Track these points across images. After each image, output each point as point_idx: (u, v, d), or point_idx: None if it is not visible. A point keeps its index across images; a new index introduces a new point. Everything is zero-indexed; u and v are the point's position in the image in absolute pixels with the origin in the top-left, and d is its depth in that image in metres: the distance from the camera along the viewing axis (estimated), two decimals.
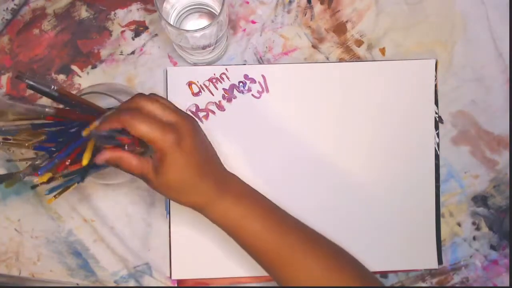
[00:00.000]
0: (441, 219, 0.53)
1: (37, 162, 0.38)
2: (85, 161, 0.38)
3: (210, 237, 0.52)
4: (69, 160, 0.39)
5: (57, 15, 0.52)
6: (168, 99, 0.51)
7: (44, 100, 0.46)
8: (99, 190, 0.52)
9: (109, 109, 0.45)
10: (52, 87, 0.36)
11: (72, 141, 0.40)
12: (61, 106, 0.44)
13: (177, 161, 0.35)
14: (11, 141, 0.39)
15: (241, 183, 0.40)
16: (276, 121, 0.52)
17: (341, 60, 0.53)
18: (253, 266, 0.52)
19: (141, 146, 0.38)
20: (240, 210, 0.38)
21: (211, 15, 0.47)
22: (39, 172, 0.37)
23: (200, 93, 0.52)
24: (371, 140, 0.52)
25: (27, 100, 0.51)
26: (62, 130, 0.42)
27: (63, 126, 0.42)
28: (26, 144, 0.39)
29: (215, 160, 0.40)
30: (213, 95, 0.52)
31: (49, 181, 0.38)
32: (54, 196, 0.40)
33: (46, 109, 0.36)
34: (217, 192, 0.38)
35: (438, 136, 0.53)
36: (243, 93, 0.52)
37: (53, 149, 0.39)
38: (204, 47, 0.46)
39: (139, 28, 0.52)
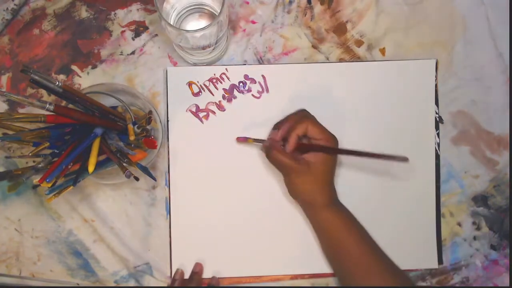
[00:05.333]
0: (441, 219, 0.53)
1: (40, 165, 0.38)
2: (91, 168, 0.39)
3: (210, 238, 0.52)
4: (71, 163, 0.39)
5: (57, 15, 0.52)
6: (168, 99, 0.52)
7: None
8: (99, 190, 0.52)
9: (111, 107, 0.45)
10: (57, 82, 0.36)
11: (75, 144, 0.40)
12: (63, 103, 0.44)
13: (329, 159, 0.46)
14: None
15: (344, 206, 0.49)
16: (276, 121, 0.51)
17: (341, 60, 0.53)
18: (253, 266, 0.52)
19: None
20: (344, 225, 0.47)
21: (211, 15, 0.47)
22: (47, 180, 0.37)
23: (200, 93, 0.52)
24: (371, 140, 0.52)
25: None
26: (64, 134, 0.42)
27: (65, 129, 0.42)
28: (29, 154, 0.39)
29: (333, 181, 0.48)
30: (213, 95, 0.52)
31: (53, 184, 0.38)
32: (54, 195, 0.40)
33: (47, 105, 0.36)
34: (333, 200, 0.48)
35: (438, 136, 0.53)
36: (243, 93, 0.52)
37: (56, 151, 0.39)
38: (204, 47, 0.46)
39: (139, 28, 0.52)
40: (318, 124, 0.46)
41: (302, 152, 0.46)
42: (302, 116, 0.47)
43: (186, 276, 0.51)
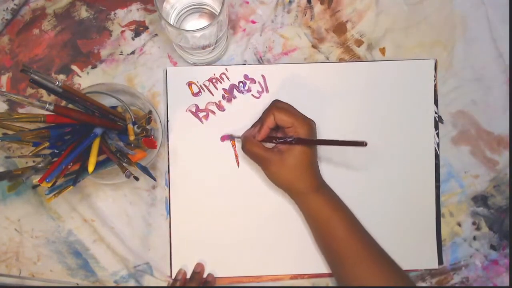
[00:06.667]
0: (441, 219, 0.53)
1: (40, 165, 0.38)
2: (91, 168, 0.39)
3: (210, 237, 0.52)
4: (71, 163, 0.39)
5: (57, 15, 0.52)
6: (168, 99, 0.52)
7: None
8: (99, 190, 0.52)
9: (111, 107, 0.45)
10: (56, 82, 0.36)
11: (75, 144, 0.40)
12: (63, 103, 0.44)
13: (302, 148, 0.45)
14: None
15: (332, 190, 0.49)
16: None
17: (341, 60, 0.53)
18: (253, 266, 0.52)
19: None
20: (331, 210, 0.46)
21: (211, 15, 0.47)
22: (47, 180, 0.37)
23: (200, 93, 0.52)
24: (371, 140, 0.52)
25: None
26: (64, 134, 0.42)
27: (65, 129, 0.42)
28: (29, 153, 0.39)
29: (317, 164, 0.49)
30: (213, 95, 0.52)
31: (52, 184, 0.38)
32: (54, 195, 0.40)
33: (47, 105, 0.36)
34: (317, 186, 0.47)
35: (438, 136, 0.53)
36: (243, 93, 0.52)
37: (56, 151, 0.39)
38: (204, 47, 0.46)
39: (139, 28, 0.52)
40: (287, 111, 0.45)
41: (276, 143, 0.46)
42: (270, 106, 0.47)
43: (188, 276, 0.51)
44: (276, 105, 0.46)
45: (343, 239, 0.45)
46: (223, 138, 0.51)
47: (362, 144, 0.40)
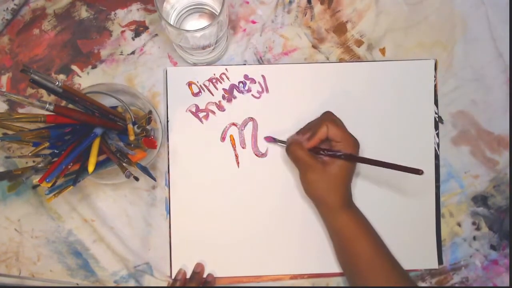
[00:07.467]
0: (441, 219, 0.53)
1: (40, 165, 0.38)
2: (91, 168, 0.39)
3: (210, 237, 0.52)
4: (71, 163, 0.39)
5: (57, 15, 0.52)
6: (168, 99, 0.52)
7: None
8: (99, 190, 0.52)
9: (111, 107, 0.45)
10: (56, 82, 0.36)
11: (75, 144, 0.40)
12: (63, 103, 0.44)
13: (345, 163, 0.46)
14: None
15: (359, 209, 0.49)
16: (275, 121, 0.52)
17: (341, 60, 0.53)
18: (253, 266, 0.52)
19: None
20: (358, 228, 0.47)
21: (211, 15, 0.47)
22: (47, 180, 0.37)
23: (200, 93, 0.52)
24: (371, 141, 0.52)
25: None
26: (64, 134, 0.42)
27: (65, 129, 0.42)
28: (29, 154, 0.39)
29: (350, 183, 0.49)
30: (213, 95, 0.52)
31: (52, 184, 0.38)
32: (54, 195, 0.40)
33: (47, 105, 0.36)
34: (347, 203, 0.48)
35: (438, 136, 0.53)
36: (243, 93, 0.52)
37: (56, 151, 0.39)
38: (204, 47, 0.46)
39: (139, 28, 0.52)
40: (339, 126, 0.47)
41: (324, 155, 0.47)
42: (323, 118, 0.47)
43: (188, 276, 0.51)
44: (330, 118, 0.47)
45: (368, 260, 0.46)
46: (267, 139, 0.52)
47: (418, 172, 0.40)
